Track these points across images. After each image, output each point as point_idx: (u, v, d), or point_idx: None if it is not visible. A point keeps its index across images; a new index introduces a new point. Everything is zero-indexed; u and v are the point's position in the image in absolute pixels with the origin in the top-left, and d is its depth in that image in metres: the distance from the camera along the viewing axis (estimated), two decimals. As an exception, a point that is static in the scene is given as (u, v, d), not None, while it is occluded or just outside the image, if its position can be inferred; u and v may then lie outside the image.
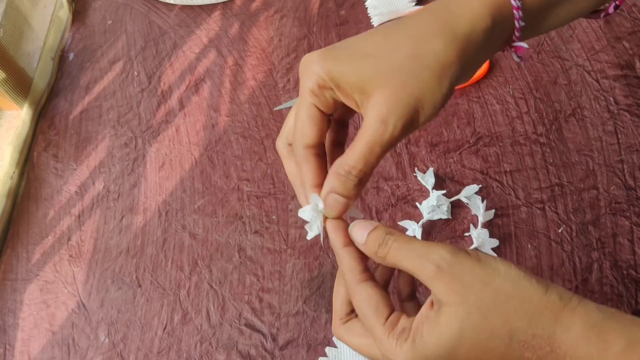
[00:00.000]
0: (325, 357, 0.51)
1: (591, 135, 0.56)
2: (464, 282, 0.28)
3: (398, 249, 0.31)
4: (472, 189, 0.54)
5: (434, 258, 0.29)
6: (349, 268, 0.32)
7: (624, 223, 0.51)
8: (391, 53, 0.31)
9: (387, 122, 0.30)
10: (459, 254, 0.29)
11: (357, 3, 0.72)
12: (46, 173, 0.70)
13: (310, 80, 0.32)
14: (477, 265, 0.28)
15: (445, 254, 0.29)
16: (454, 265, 0.28)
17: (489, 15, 0.31)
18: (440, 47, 0.30)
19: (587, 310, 0.27)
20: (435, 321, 0.29)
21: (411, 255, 0.30)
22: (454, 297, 0.28)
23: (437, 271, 0.28)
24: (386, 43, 0.31)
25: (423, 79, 0.30)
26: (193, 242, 0.60)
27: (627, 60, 0.59)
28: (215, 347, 0.54)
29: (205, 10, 0.78)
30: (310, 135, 0.32)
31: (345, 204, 0.32)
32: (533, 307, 0.27)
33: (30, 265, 0.64)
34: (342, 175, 0.31)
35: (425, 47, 0.31)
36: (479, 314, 0.28)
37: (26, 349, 0.59)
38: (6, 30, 0.74)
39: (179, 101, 0.71)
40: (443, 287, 0.28)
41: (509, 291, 0.28)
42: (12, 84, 0.72)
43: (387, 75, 0.30)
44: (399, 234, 0.31)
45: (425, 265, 0.29)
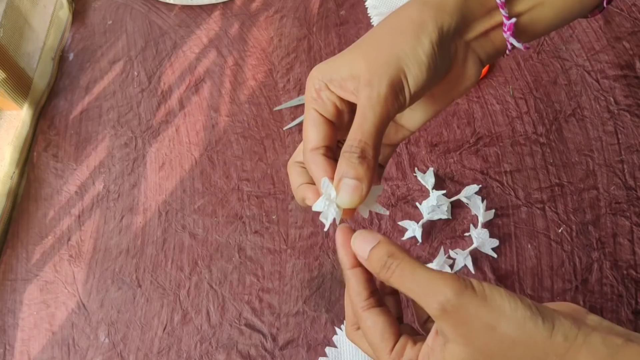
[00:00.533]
0: (325, 357, 0.51)
1: (591, 135, 0.56)
2: (469, 326, 0.28)
3: (401, 277, 0.30)
4: (472, 189, 0.54)
5: (439, 298, 0.28)
6: (355, 292, 0.32)
7: (624, 223, 0.51)
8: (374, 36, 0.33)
9: (372, 82, 0.30)
10: (465, 295, 0.28)
11: (357, 3, 0.72)
12: (46, 173, 0.70)
13: (309, 88, 0.33)
14: (483, 308, 0.28)
15: (450, 296, 0.28)
16: (459, 308, 0.28)
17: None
18: (414, 11, 0.32)
19: (592, 348, 0.27)
20: (440, 357, 0.29)
21: (415, 289, 0.29)
22: (459, 339, 0.28)
23: (442, 311, 0.28)
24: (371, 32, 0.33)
25: (400, 41, 0.31)
26: (193, 242, 0.60)
27: (627, 60, 0.59)
28: (215, 347, 0.54)
29: (205, 10, 0.78)
30: (313, 138, 0.32)
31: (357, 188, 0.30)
32: (538, 352, 0.27)
33: (30, 265, 0.64)
34: (346, 152, 0.31)
35: (400, 16, 0.32)
36: (484, 356, 0.28)
37: (26, 349, 0.59)
38: (6, 30, 0.74)
39: (179, 101, 0.71)
40: (448, 327, 0.28)
41: (515, 336, 0.27)
42: (12, 84, 0.72)
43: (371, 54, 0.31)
44: (402, 257, 0.30)
45: (429, 303, 0.28)
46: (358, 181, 0.30)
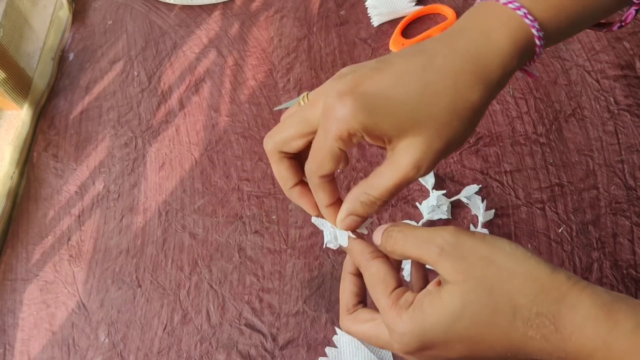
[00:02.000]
0: (325, 357, 0.51)
1: (591, 135, 0.56)
2: (467, 260, 0.28)
3: (403, 238, 0.32)
4: (472, 189, 0.54)
5: (437, 241, 0.29)
6: (359, 252, 0.34)
7: (624, 223, 0.51)
8: (428, 104, 0.31)
9: (421, 167, 0.31)
10: (462, 234, 0.29)
11: (357, 3, 0.72)
12: (46, 173, 0.70)
13: (340, 128, 0.31)
14: (481, 243, 0.29)
15: (447, 236, 0.29)
16: (456, 246, 0.29)
17: (517, 56, 0.32)
18: (477, 98, 0.31)
19: (596, 291, 0.27)
20: (437, 296, 0.29)
21: (415, 242, 0.31)
22: (457, 276, 0.28)
23: (441, 253, 0.29)
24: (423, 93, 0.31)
25: (457, 127, 0.31)
26: (193, 242, 0.60)
27: (627, 61, 0.59)
28: (215, 347, 0.54)
29: (205, 10, 0.78)
30: (328, 169, 0.33)
31: (362, 221, 0.34)
32: (538, 285, 0.27)
33: (30, 265, 0.64)
34: (366, 203, 0.33)
35: (463, 99, 0.31)
36: (482, 290, 0.28)
37: (26, 349, 0.59)
38: (6, 30, 0.74)
39: (179, 101, 0.71)
40: (447, 267, 0.29)
41: (514, 268, 0.28)
42: (12, 84, 0.72)
43: (422, 125, 0.31)
44: (403, 224, 0.32)
45: (429, 249, 0.30)
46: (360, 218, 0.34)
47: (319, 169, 0.33)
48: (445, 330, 0.29)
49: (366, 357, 0.49)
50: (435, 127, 0.31)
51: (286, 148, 0.34)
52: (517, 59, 0.32)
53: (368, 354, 0.49)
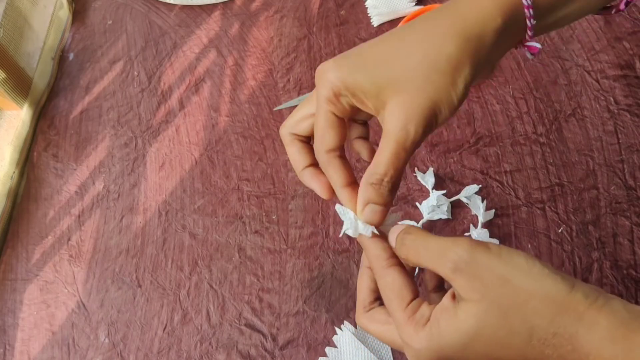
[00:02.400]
0: (325, 357, 0.51)
1: (591, 135, 0.56)
2: (482, 280, 0.28)
3: (415, 248, 0.31)
4: (472, 189, 0.54)
5: (451, 257, 0.29)
6: (375, 256, 0.33)
7: (624, 223, 0.51)
8: (403, 58, 0.31)
9: (408, 128, 0.31)
10: (477, 251, 0.28)
11: (357, 3, 0.72)
12: (46, 173, 0.70)
13: (325, 89, 0.32)
14: (497, 262, 0.28)
15: (461, 252, 0.28)
16: (471, 263, 0.28)
17: (500, 15, 0.31)
18: (452, 49, 0.31)
19: (613, 309, 0.26)
20: (454, 314, 0.29)
21: (428, 255, 0.30)
22: (473, 295, 0.28)
23: (455, 270, 0.28)
24: (397, 48, 0.32)
25: (437, 82, 0.31)
26: (193, 242, 0.60)
27: (627, 60, 0.59)
28: (215, 347, 0.54)
29: (205, 10, 0.78)
30: (330, 140, 0.33)
31: (382, 211, 0.33)
32: (555, 306, 0.27)
33: (30, 265, 0.64)
34: (376, 184, 0.32)
35: (437, 50, 0.31)
36: (497, 311, 0.27)
37: (26, 349, 0.59)
38: (6, 30, 0.74)
39: (179, 101, 0.71)
40: (462, 285, 0.28)
41: (530, 289, 0.27)
42: (12, 84, 0.72)
43: (401, 82, 0.31)
44: (416, 231, 0.32)
45: (442, 264, 0.29)
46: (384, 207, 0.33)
47: (322, 142, 0.34)
48: (461, 349, 0.28)
49: (366, 357, 0.49)
50: (413, 83, 0.31)
51: (296, 130, 0.35)
52: (500, 16, 0.31)
53: (368, 354, 0.49)
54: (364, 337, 0.51)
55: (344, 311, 0.53)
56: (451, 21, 0.31)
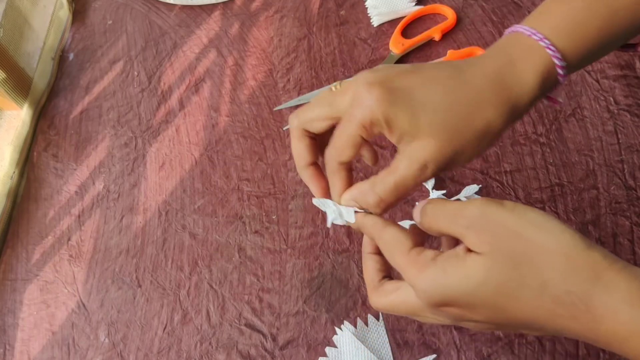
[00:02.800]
0: (325, 357, 0.51)
1: (591, 135, 0.56)
2: (493, 232, 0.28)
3: (433, 214, 0.32)
4: (472, 189, 0.54)
5: (465, 214, 0.29)
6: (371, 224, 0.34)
7: (624, 223, 0.51)
8: (447, 111, 0.32)
9: (427, 168, 0.32)
10: (490, 207, 0.29)
11: (357, 3, 0.72)
12: (46, 173, 0.70)
13: (363, 115, 0.32)
14: (510, 216, 0.28)
15: (474, 209, 0.29)
16: (483, 218, 0.28)
17: (539, 86, 0.33)
18: (493, 116, 0.32)
19: (634, 273, 0.25)
20: (462, 259, 0.29)
21: (445, 217, 0.31)
22: (483, 247, 0.28)
23: (468, 226, 0.29)
24: (444, 99, 0.32)
25: (469, 138, 0.32)
26: (193, 242, 0.60)
27: (627, 60, 0.59)
28: (215, 347, 0.54)
29: (205, 10, 0.78)
30: (348, 156, 0.34)
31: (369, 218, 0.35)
32: (570, 263, 0.26)
33: (30, 265, 0.64)
34: (371, 203, 0.33)
35: (479, 113, 0.32)
36: (509, 262, 0.27)
37: (26, 349, 0.59)
38: (6, 30, 0.74)
39: (179, 101, 0.71)
40: (474, 239, 0.28)
41: (544, 243, 0.27)
42: (12, 84, 0.72)
43: (437, 128, 0.32)
44: (436, 200, 0.32)
45: (457, 222, 0.29)
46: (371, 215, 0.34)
47: (339, 154, 0.34)
48: (467, 293, 0.28)
49: (366, 357, 0.49)
50: (449, 133, 0.32)
51: (309, 127, 0.36)
52: (539, 88, 0.33)
53: (368, 354, 0.49)
54: (364, 337, 0.51)
55: (344, 311, 0.53)
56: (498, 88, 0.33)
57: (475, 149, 0.32)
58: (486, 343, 0.49)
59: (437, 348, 0.49)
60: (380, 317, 0.52)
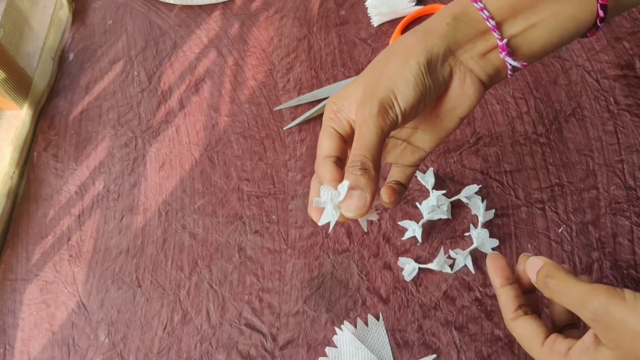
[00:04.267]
0: (325, 357, 0.51)
1: (591, 135, 0.56)
2: (616, 332, 0.31)
3: (558, 293, 0.34)
4: (472, 189, 0.54)
5: (590, 308, 0.32)
6: (505, 306, 0.37)
7: (624, 223, 0.51)
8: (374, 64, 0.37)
9: (364, 103, 0.35)
10: (612, 303, 0.31)
11: (357, 3, 0.72)
12: (46, 173, 0.70)
13: (327, 110, 0.38)
14: (630, 315, 0.30)
15: (599, 305, 0.31)
16: (606, 316, 0.31)
17: (451, 14, 0.36)
18: (407, 38, 0.36)
19: None
20: (594, 355, 0.32)
21: (570, 302, 0.33)
22: (609, 343, 0.31)
23: (593, 320, 0.31)
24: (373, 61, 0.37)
25: (392, 64, 0.35)
26: (193, 242, 0.60)
27: (627, 60, 0.59)
28: (215, 347, 0.54)
29: (205, 10, 0.78)
30: (326, 148, 0.37)
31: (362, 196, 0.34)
32: None
33: (30, 265, 0.64)
34: (349, 167, 0.34)
35: (396, 45, 0.37)
36: (631, 358, 0.31)
37: (26, 349, 0.59)
38: (6, 30, 0.74)
39: (179, 101, 0.71)
40: (600, 332, 0.32)
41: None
42: (12, 84, 0.72)
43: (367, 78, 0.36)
44: (558, 275, 0.35)
45: (582, 313, 0.32)
46: (362, 191, 0.34)
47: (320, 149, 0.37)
48: None
49: (366, 357, 0.49)
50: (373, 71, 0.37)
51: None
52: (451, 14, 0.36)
53: (368, 354, 0.49)
54: (364, 337, 0.51)
55: (344, 311, 0.53)
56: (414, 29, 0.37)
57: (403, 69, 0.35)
58: (486, 343, 0.49)
59: (437, 348, 0.49)
60: (380, 317, 0.52)
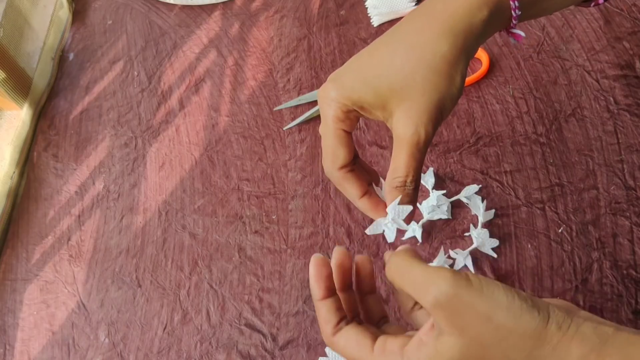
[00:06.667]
0: (325, 357, 0.51)
1: (591, 135, 0.56)
2: (463, 316, 0.28)
3: (399, 273, 0.31)
4: (472, 189, 0.54)
5: (433, 291, 0.28)
6: (325, 320, 0.34)
7: (624, 223, 0.51)
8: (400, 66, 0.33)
9: (419, 130, 0.32)
10: (459, 287, 0.28)
11: (357, 3, 0.72)
12: (46, 173, 0.70)
13: (332, 109, 0.34)
14: (478, 299, 0.28)
15: (444, 287, 0.28)
16: (453, 299, 0.28)
17: (486, 6, 0.33)
18: (446, 48, 0.32)
19: (584, 337, 0.27)
20: (433, 348, 0.29)
21: (411, 283, 0.30)
22: (453, 330, 0.28)
23: (436, 304, 0.28)
24: (392, 56, 0.33)
25: (437, 82, 0.32)
26: (193, 242, 0.60)
27: (627, 60, 0.59)
28: (215, 347, 0.54)
29: (205, 10, 0.78)
30: (343, 157, 0.35)
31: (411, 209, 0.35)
32: (532, 341, 0.27)
33: (30, 265, 0.64)
34: (400, 187, 0.34)
35: (431, 52, 0.32)
36: (478, 347, 0.28)
37: (26, 349, 0.59)
38: (6, 30, 0.74)
39: (179, 101, 0.71)
40: (442, 319, 0.28)
41: (510, 326, 0.28)
42: (12, 84, 0.72)
43: (403, 90, 0.32)
44: (403, 255, 0.32)
45: (424, 296, 0.29)
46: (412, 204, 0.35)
47: (334, 160, 0.35)
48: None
49: (366, 357, 0.49)
50: (415, 88, 0.32)
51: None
52: (486, 7, 0.33)
53: (368, 354, 0.49)
54: (364, 337, 0.51)
55: (344, 311, 0.53)
56: (440, 20, 0.33)
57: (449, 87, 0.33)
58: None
59: (437, 348, 0.49)
60: (380, 317, 0.52)
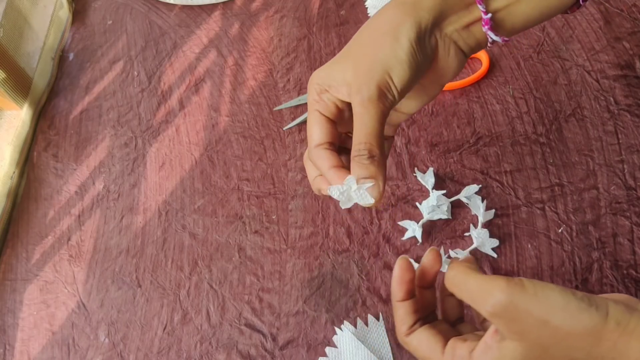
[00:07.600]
0: (325, 357, 0.51)
1: (591, 135, 0.56)
2: (521, 322, 0.29)
3: (457, 285, 0.33)
4: (472, 189, 0.54)
5: (490, 301, 0.30)
6: (401, 321, 0.36)
7: (624, 223, 0.51)
8: (358, 40, 0.36)
9: (361, 89, 0.33)
10: (514, 294, 0.29)
11: (357, 3, 0.72)
12: (46, 173, 0.70)
13: (311, 92, 0.36)
14: (534, 304, 0.29)
15: (499, 297, 0.29)
16: (509, 307, 0.29)
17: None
18: (391, 12, 0.34)
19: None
20: (498, 352, 0.30)
21: (468, 295, 0.32)
22: (513, 336, 0.29)
23: (494, 313, 0.30)
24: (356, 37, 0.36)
25: (382, 44, 0.34)
26: (193, 242, 0.60)
27: (627, 60, 0.59)
28: (215, 347, 0.54)
29: (205, 10, 0.78)
30: (317, 136, 0.36)
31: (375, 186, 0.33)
32: (592, 339, 0.28)
33: (30, 265, 0.64)
34: (355, 157, 0.34)
35: (380, 20, 0.35)
36: (539, 349, 0.29)
37: (26, 349, 0.59)
38: (6, 30, 0.74)
39: (179, 101, 0.71)
40: (502, 326, 0.30)
41: (568, 327, 0.28)
42: (12, 84, 0.72)
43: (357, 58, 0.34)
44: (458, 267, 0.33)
45: (482, 306, 0.30)
46: (374, 179, 0.33)
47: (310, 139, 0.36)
48: None
49: (366, 357, 0.49)
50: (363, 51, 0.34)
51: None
52: None
53: (368, 353, 0.49)
54: (364, 337, 0.51)
55: (344, 311, 0.53)
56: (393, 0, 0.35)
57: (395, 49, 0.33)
58: (486, 343, 0.49)
59: (437, 348, 0.49)
60: (380, 317, 0.52)
